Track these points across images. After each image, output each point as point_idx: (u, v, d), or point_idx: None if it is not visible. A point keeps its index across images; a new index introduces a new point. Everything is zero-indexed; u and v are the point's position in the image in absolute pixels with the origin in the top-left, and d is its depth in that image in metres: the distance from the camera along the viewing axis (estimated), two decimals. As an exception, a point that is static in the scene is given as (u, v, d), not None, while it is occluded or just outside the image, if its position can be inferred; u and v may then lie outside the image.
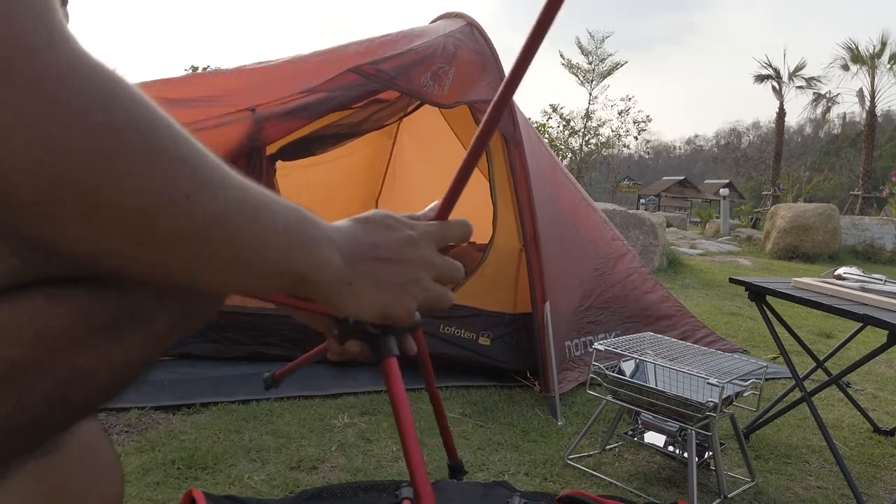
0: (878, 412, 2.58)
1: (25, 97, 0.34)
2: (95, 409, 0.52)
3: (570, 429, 2.16)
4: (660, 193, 30.06)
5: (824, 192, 20.64)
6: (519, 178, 2.60)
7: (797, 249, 8.72)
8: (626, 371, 1.91)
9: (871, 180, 19.29)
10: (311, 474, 1.71)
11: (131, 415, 1.97)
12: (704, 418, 1.69)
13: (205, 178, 0.42)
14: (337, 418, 2.08)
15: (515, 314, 2.67)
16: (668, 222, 12.76)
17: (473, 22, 2.85)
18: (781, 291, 1.99)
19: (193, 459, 1.71)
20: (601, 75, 25.98)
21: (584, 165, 24.86)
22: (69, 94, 0.35)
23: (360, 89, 2.41)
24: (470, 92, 2.61)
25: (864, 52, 20.16)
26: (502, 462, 1.88)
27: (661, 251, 6.39)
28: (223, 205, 0.43)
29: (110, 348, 0.47)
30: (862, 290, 1.97)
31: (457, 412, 2.22)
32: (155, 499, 1.53)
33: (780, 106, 23.85)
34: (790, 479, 1.92)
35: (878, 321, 1.71)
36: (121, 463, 0.71)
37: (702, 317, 3.65)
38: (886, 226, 9.40)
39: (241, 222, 0.45)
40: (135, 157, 0.38)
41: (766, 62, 24.09)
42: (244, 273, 0.47)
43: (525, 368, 2.54)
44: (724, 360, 1.87)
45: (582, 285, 2.85)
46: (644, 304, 3.09)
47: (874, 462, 2.11)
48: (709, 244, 9.91)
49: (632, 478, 1.85)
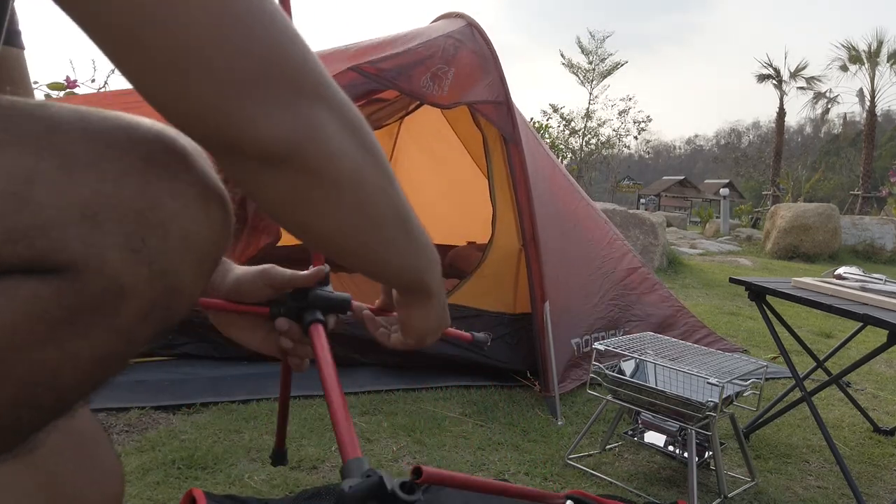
0: (878, 412, 2.58)
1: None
2: (68, 408, 0.50)
3: (570, 429, 2.16)
4: (660, 193, 30.03)
5: (824, 192, 20.63)
6: (518, 178, 2.60)
7: (797, 249, 8.72)
8: (626, 371, 1.91)
9: (871, 180, 19.27)
10: (311, 474, 1.71)
11: (131, 415, 1.97)
12: (704, 418, 1.69)
13: (394, 180, 0.59)
14: (337, 418, 2.08)
15: (515, 314, 2.67)
16: (668, 222, 12.76)
17: (473, 22, 2.85)
18: (781, 291, 1.99)
19: (193, 459, 1.71)
20: (601, 75, 25.94)
21: (584, 165, 24.82)
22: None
23: (360, 88, 2.41)
24: (469, 92, 2.61)
25: (862, 53, 20.15)
26: (502, 462, 1.88)
27: (661, 251, 6.39)
28: (405, 206, 0.60)
29: (73, 343, 0.46)
30: (862, 289, 1.97)
31: (457, 412, 2.22)
32: (155, 499, 1.53)
33: (780, 106, 23.85)
34: (790, 479, 1.92)
35: (878, 321, 1.71)
36: (121, 462, 0.71)
37: (702, 317, 3.65)
38: (886, 226, 9.39)
39: (413, 225, 0.62)
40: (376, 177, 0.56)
41: (767, 62, 24.10)
42: (401, 266, 0.64)
43: (525, 368, 2.54)
44: (724, 360, 1.87)
45: (582, 285, 2.85)
46: (644, 303, 3.09)
47: (874, 462, 2.11)
48: (709, 244, 9.90)
49: (632, 477, 1.85)
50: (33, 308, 0.43)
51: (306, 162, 0.48)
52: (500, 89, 2.68)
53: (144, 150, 0.48)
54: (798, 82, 23.61)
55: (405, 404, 2.26)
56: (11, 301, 0.43)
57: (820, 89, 23.28)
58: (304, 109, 0.47)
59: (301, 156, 0.48)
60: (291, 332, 0.79)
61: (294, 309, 0.79)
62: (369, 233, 0.58)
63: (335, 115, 0.50)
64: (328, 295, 0.80)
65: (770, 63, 23.99)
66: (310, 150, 0.48)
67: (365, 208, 0.55)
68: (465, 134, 3.90)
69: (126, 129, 0.48)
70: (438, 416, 2.17)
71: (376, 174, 0.55)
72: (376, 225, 0.57)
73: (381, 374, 2.48)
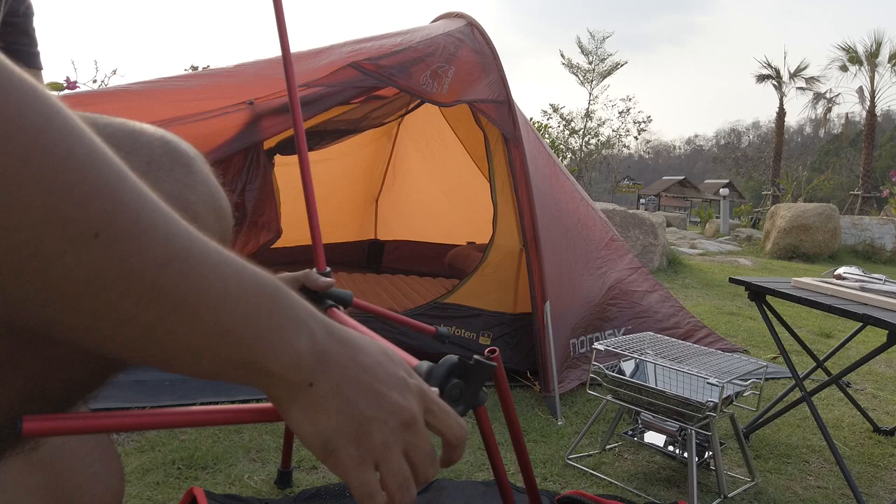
0: (878, 412, 2.58)
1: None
2: (74, 402, 0.51)
3: (570, 429, 2.16)
4: (660, 193, 30.02)
5: (824, 192, 20.60)
6: (519, 178, 2.60)
7: (797, 249, 8.71)
8: (626, 371, 1.91)
9: (871, 180, 19.26)
10: (311, 474, 1.71)
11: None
12: (704, 418, 1.69)
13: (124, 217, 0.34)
14: (337, 418, 2.08)
15: (515, 314, 2.66)
16: (668, 222, 12.77)
17: (474, 22, 2.85)
18: (781, 291, 1.99)
19: (193, 459, 1.71)
20: (601, 75, 25.96)
21: (584, 165, 24.83)
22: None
23: (360, 85, 2.41)
24: (469, 91, 2.61)
25: (861, 54, 20.15)
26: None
27: (661, 251, 6.39)
28: (148, 253, 0.35)
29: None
30: (862, 289, 1.96)
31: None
32: (155, 499, 1.53)
33: (779, 106, 23.85)
34: (790, 479, 1.92)
35: (878, 321, 1.71)
36: (120, 458, 0.71)
37: (702, 317, 3.65)
38: (886, 226, 9.39)
39: (176, 274, 0.36)
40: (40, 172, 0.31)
41: (767, 62, 24.10)
42: (168, 346, 0.38)
43: (525, 368, 2.54)
44: (724, 360, 1.87)
45: (582, 285, 2.85)
46: (644, 304, 3.09)
47: (874, 462, 2.11)
48: (709, 244, 9.90)
49: (632, 478, 1.85)
50: None
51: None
52: (500, 89, 2.68)
53: (149, 154, 0.49)
54: (798, 82, 23.62)
55: (405, 404, 2.25)
56: None
57: (820, 89, 23.28)
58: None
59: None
60: None
61: (309, 300, 0.88)
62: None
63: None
64: (336, 291, 0.91)
65: (770, 63, 24.00)
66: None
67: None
68: (465, 134, 3.90)
69: (130, 133, 0.49)
70: (438, 415, 2.17)
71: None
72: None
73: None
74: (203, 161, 0.52)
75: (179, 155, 0.50)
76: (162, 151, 0.49)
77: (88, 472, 0.65)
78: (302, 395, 0.44)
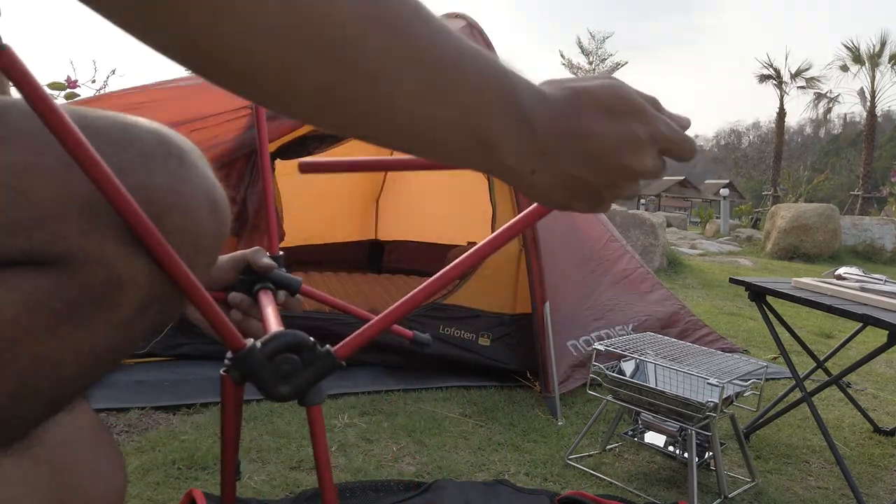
0: (878, 412, 2.58)
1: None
2: (68, 401, 0.50)
3: (570, 429, 2.16)
4: (660, 193, 30.01)
5: (824, 192, 20.60)
6: (519, 179, 2.59)
7: (797, 249, 8.71)
8: (627, 371, 1.91)
9: (871, 180, 19.26)
10: (311, 474, 1.71)
11: (131, 415, 1.97)
12: (704, 418, 1.69)
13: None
14: (337, 418, 2.08)
15: (515, 314, 2.66)
16: (668, 222, 12.76)
17: (473, 23, 2.85)
18: (781, 291, 1.99)
19: (193, 459, 1.71)
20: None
21: (585, 165, 24.78)
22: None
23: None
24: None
25: (864, 53, 20.16)
26: (502, 462, 1.88)
27: (661, 251, 6.39)
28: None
29: (74, 335, 0.46)
30: (862, 290, 1.96)
31: (457, 412, 2.22)
32: (155, 499, 1.53)
33: (780, 106, 23.85)
34: (790, 479, 1.92)
35: (878, 321, 1.71)
36: (122, 454, 0.71)
37: (702, 317, 3.65)
38: (886, 226, 9.39)
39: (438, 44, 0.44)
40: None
41: (767, 62, 24.10)
42: (426, 120, 0.43)
43: (525, 368, 2.54)
44: (725, 360, 1.87)
45: (582, 286, 2.85)
46: (644, 303, 3.09)
47: (874, 462, 2.11)
48: (709, 244, 9.90)
49: (632, 478, 1.85)
50: (34, 300, 0.44)
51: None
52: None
53: (141, 147, 0.48)
54: (798, 83, 23.62)
55: (405, 405, 2.26)
56: (12, 293, 0.43)
57: (820, 90, 23.29)
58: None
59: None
60: (242, 304, 0.82)
61: (247, 283, 0.82)
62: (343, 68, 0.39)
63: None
64: (280, 274, 0.84)
65: (770, 63, 24.01)
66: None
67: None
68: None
69: (124, 127, 0.49)
70: (439, 416, 2.17)
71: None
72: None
73: (381, 375, 2.48)
74: (198, 154, 0.52)
75: (173, 147, 0.50)
76: (155, 144, 0.49)
77: (91, 469, 0.65)
78: (525, 180, 0.49)
